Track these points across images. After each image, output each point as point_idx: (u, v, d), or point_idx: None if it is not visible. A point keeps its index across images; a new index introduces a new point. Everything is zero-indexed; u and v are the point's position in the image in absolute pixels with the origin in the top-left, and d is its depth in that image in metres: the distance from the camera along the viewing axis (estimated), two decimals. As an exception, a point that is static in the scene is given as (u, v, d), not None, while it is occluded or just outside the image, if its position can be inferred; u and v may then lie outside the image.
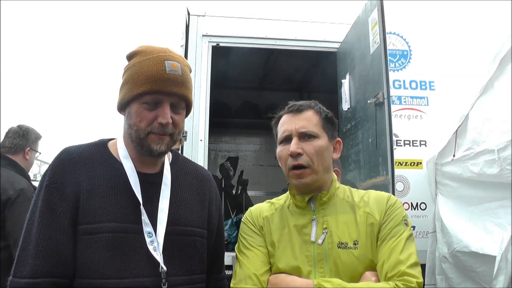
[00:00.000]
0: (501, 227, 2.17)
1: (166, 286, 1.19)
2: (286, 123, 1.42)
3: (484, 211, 2.37)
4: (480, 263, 2.32)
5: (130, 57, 1.29)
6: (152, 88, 1.21)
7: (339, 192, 1.42)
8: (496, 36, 2.51)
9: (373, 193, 1.43)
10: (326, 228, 1.33)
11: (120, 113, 1.31)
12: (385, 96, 2.77)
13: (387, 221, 1.32)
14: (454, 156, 2.68)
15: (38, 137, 2.97)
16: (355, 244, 1.30)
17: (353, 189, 1.47)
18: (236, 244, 1.44)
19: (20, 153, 2.82)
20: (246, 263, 1.35)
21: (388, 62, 3.26)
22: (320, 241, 1.31)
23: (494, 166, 2.19)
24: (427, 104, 3.52)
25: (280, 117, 1.47)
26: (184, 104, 1.29)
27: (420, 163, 3.30)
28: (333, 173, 1.46)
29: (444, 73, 3.52)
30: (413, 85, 3.57)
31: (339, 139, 1.46)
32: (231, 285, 1.36)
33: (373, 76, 3.00)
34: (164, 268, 1.19)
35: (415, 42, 3.64)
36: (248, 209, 1.52)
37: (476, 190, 2.47)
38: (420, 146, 3.39)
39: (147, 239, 1.19)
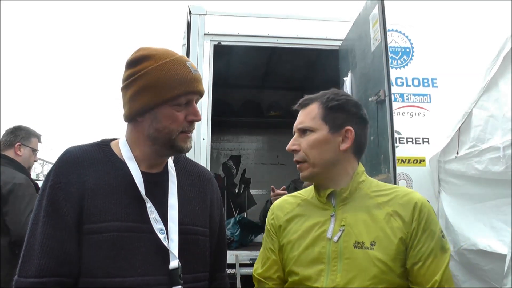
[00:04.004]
0: (508, 224, 2.17)
1: (183, 281, 1.20)
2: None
3: (489, 208, 2.37)
4: (488, 261, 2.31)
5: (137, 62, 1.26)
6: (186, 89, 1.24)
7: (363, 186, 1.35)
8: (499, 33, 2.50)
9: (401, 191, 1.34)
10: (344, 225, 1.29)
11: (137, 119, 1.27)
12: (386, 94, 2.76)
13: (421, 235, 1.25)
14: (457, 153, 2.68)
15: (31, 134, 2.95)
16: (372, 244, 1.24)
17: (381, 183, 1.39)
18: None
19: (10, 149, 2.83)
20: (259, 259, 1.48)
21: (390, 60, 3.26)
22: (335, 238, 1.28)
23: (499, 164, 2.19)
24: (430, 101, 3.52)
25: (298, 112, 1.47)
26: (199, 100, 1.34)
27: (423, 160, 3.30)
28: (358, 166, 1.39)
29: (447, 70, 3.51)
30: (416, 82, 3.57)
31: (349, 127, 1.34)
32: (254, 266, 1.49)
33: (374, 74, 2.99)
34: (180, 263, 1.21)
35: (418, 39, 3.64)
36: (273, 204, 1.52)
37: (480, 188, 2.47)
38: (423, 143, 3.39)
39: (160, 236, 1.20)
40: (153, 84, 1.23)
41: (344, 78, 3.60)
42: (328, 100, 1.38)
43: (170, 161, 1.37)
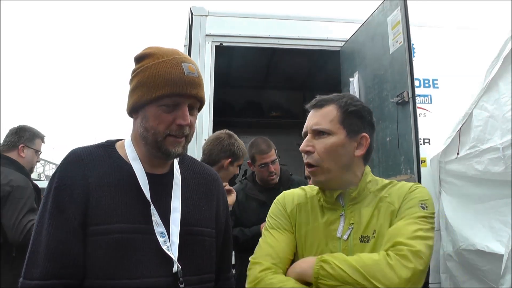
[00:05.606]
0: (506, 225, 2.17)
1: (183, 285, 1.19)
2: (307, 119, 1.39)
3: (489, 209, 2.38)
4: (486, 261, 2.32)
5: (139, 59, 1.28)
6: (172, 91, 1.20)
7: (370, 186, 1.36)
8: (500, 34, 2.51)
9: (400, 183, 1.37)
10: (352, 223, 1.30)
11: (132, 116, 1.30)
12: (410, 95, 2.77)
13: (402, 205, 1.27)
14: (458, 154, 2.69)
15: (36, 135, 2.93)
16: (373, 234, 1.26)
17: (385, 181, 1.40)
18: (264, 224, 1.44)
19: (14, 150, 2.81)
20: (270, 242, 1.34)
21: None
22: (345, 236, 1.29)
23: (499, 164, 2.19)
24: (431, 102, 3.53)
25: (308, 111, 1.43)
26: (198, 105, 1.30)
27: (424, 161, 3.30)
28: (365, 167, 1.39)
29: (448, 71, 3.52)
30: (417, 83, 3.57)
31: (365, 134, 1.35)
32: (250, 259, 1.33)
33: (393, 76, 2.99)
34: (180, 267, 1.20)
35: (418, 39, 3.64)
36: (282, 192, 1.50)
37: (480, 188, 2.48)
38: (424, 144, 3.39)
39: (160, 239, 1.19)
40: (144, 82, 1.23)
41: (350, 79, 3.59)
42: (346, 104, 1.35)
43: (176, 162, 1.37)
